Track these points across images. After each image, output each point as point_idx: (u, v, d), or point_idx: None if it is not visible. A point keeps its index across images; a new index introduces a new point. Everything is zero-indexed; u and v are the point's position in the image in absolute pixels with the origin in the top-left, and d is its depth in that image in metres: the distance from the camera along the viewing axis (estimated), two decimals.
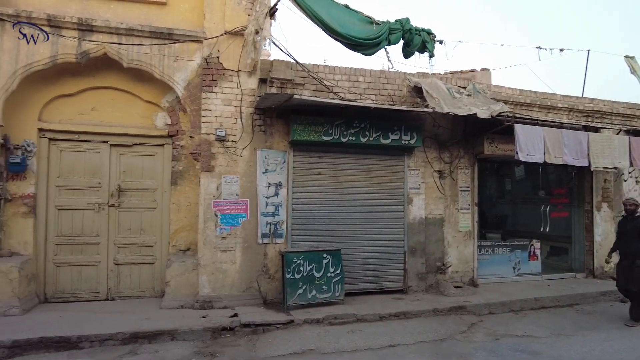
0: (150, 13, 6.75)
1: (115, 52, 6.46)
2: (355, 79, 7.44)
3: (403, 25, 7.68)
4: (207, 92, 6.71)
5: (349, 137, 7.09)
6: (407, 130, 7.35)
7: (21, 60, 6.13)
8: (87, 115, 6.80)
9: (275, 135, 7.06)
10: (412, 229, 7.65)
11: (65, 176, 6.76)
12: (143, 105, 7.02)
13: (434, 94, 7.10)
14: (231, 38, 6.79)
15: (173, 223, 7.01)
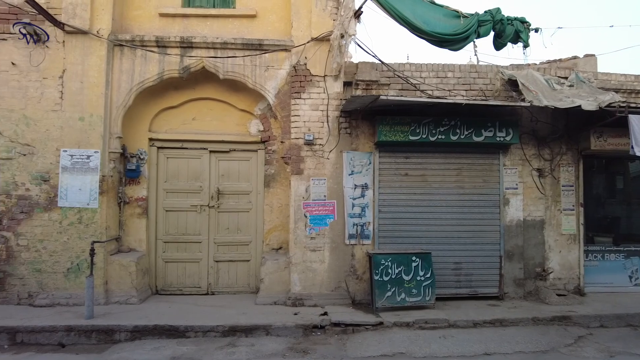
0: (241, 26, 7.20)
1: (212, 65, 6.98)
2: (443, 75, 7.21)
3: (493, 16, 7.27)
4: (295, 98, 6.96)
5: (438, 135, 6.88)
6: (502, 127, 6.93)
7: (135, 78, 6.90)
8: (189, 124, 7.45)
9: (360, 137, 7.10)
10: (508, 232, 7.19)
11: (171, 180, 7.47)
12: (238, 113, 7.50)
13: (530, 86, 6.61)
14: (317, 44, 6.98)
15: (266, 223, 7.39)
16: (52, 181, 6.53)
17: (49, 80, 6.59)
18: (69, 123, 6.58)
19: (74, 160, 6.57)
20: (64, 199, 6.53)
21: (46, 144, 6.56)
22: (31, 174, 6.52)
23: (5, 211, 6.47)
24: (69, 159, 6.56)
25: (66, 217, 6.52)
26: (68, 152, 6.56)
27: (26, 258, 6.45)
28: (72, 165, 6.56)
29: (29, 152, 6.53)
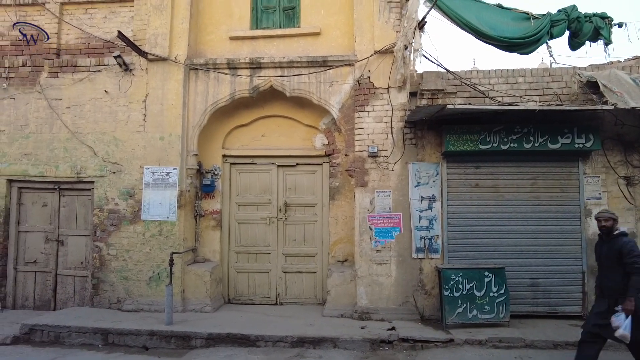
0: (306, 44, 7.44)
1: (279, 84, 7.28)
2: (513, 81, 6.88)
3: (568, 14, 6.84)
4: (359, 111, 7.03)
5: (510, 144, 6.56)
6: (581, 132, 6.45)
7: (209, 99, 7.37)
8: (258, 141, 7.80)
9: (426, 148, 6.98)
10: (591, 245, 6.59)
11: (243, 194, 7.84)
12: (304, 128, 7.72)
13: (614, 87, 6.09)
14: (380, 57, 7.01)
15: (332, 235, 7.47)
16: (136, 196, 7.15)
17: (134, 105, 7.27)
18: (150, 142, 7.18)
19: (155, 177, 7.14)
20: (147, 212, 7.11)
21: (131, 162, 7.21)
22: (119, 189, 7.19)
23: (98, 223, 7.18)
24: (150, 175, 7.14)
25: (148, 229, 7.09)
26: (150, 169, 7.15)
27: (115, 266, 7.09)
28: (153, 181, 7.14)
29: (117, 170, 7.21)
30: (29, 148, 7.35)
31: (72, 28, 7.55)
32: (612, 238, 4.60)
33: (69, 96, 7.37)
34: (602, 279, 4.68)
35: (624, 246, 4.44)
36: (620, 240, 4.53)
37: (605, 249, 4.65)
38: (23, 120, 7.41)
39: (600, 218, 4.73)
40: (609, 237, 4.63)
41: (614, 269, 4.51)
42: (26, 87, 7.43)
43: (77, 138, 7.27)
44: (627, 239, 4.56)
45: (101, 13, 7.54)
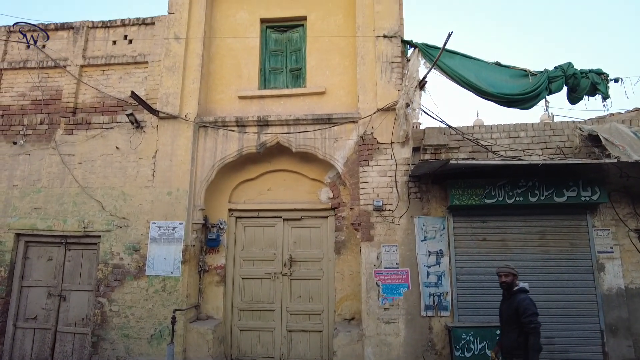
0: (312, 103, 7.71)
1: (286, 140, 7.47)
2: (515, 135, 6.99)
3: (565, 70, 7.07)
4: (363, 166, 7.13)
5: (515, 197, 6.55)
6: (586, 185, 6.44)
7: (217, 155, 7.55)
8: (264, 195, 7.87)
9: (432, 202, 6.97)
10: (608, 302, 6.36)
11: (248, 248, 7.78)
12: (309, 182, 7.81)
13: (615, 141, 6.16)
14: (383, 114, 7.21)
15: (338, 292, 7.30)
16: (141, 251, 7.13)
17: (144, 160, 7.46)
18: (158, 197, 7.28)
19: (161, 232, 7.16)
20: (151, 267, 7.06)
21: (138, 217, 7.27)
22: (125, 244, 7.19)
23: (102, 278, 7.11)
24: (157, 230, 7.17)
25: (152, 285, 6.99)
26: (156, 224, 7.18)
27: (117, 323, 6.93)
28: (159, 236, 7.15)
29: (124, 225, 7.26)
30: (39, 202, 7.48)
31: (89, 88, 7.95)
32: (512, 294, 4.49)
33: (81, 152, 7.62)
34: (502, 337, 4.57)
35: (520, 304, 4.35)
36: (518, 297, 4.42)
37: (505, 306, 4.55)
38: (36, 175, 7.61)
39: (500, 273, 4.66)
40: (509, 293, 4.52)
41: (511, 327, 4.42)
42: (42, 144, 7.71)
43: (87, 192, 7.41)
44: (524, 296, 4.44)
45: (117, 74, 7.97)
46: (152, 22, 8.02)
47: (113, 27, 8.13)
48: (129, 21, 8.09)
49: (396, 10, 7.56)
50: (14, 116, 7.97)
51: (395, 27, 7.48)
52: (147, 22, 8.02)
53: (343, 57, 7.82)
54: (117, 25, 8.11)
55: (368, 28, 7.55)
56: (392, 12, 7.53)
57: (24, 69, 8.12)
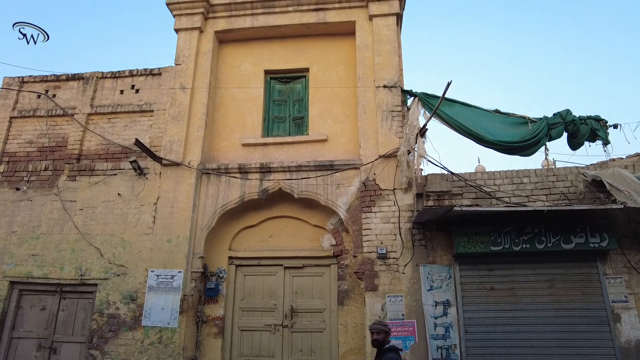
0: (314, 150, 7.78)
1: (288, 187, 7.45)
2: (519, 181, 6.95)
3: (564, 117, 7.16)
4: (366, 212, 7.05)
5: (522, 244, 6.40)
6: (594, 231, 6.30)
7: (219, 202, 7.52)
8: (266, 242, 7.74)
9: (437, 249, 6.82)
10: (627, 356, 6.01)
11: (247, 299, 7.53)
12: (311, 229, 7.70)
13: (620, 186, 6.10)
14: (385, 161, 7.24)
15: (341, 345, 6.96)
16: (139, 300, 6.91)
17: (145, 207, 7.43)
18: (158, 245, 7.16)
19: (159, 280, 6.98)
20: (148, 318, 6.80)
21: (137, 264, 7.11)
22: (122, 293, 6.98)
23: (96, 329, 6.84)
24: (155, 278, 6.99)
25: (148, 337, 6.71)
26: (155, 272, 7.01)
27: None
28: (157, 284, 6.95)
29: (122, 273, 7.09)
30: (37, 249, 7.37)
31: (94, 135, 8.09)
32: (382, 352, 4.33)
33: (83, 198, 7.61)
34: None
35: None
36: (386, 356, 4.26)
37: None
38: (36, 222, 7.55)
39: (372, 330, 4.52)
40: (380, 351, 4.35)
41: None
42: (44, 190, 7.73)
43: (86, 239, 7.32)
44: (393, 355, 4.26)
45: (123, 122, 8.15)
46: (159, 73, 8.31)
47: (121, 77, 8.43)
48: (136, 72, 8.39)
49: (395, 62, 7.81)
50: (19, 163, 8.07)
51: (395, 77, 7.70)
52: (154, 72, 8.32)
53: (344, 106, 7.99)
54: (125, 75, 8.41)
55: (368, 79, 7.78)
56: (392, 64, 7.78)
57: (33, 117, 8.33)
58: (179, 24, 8.53)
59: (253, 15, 8.50)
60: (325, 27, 8.42)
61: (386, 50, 7.88)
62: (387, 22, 8.08)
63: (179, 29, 8.51)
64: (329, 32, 8.50)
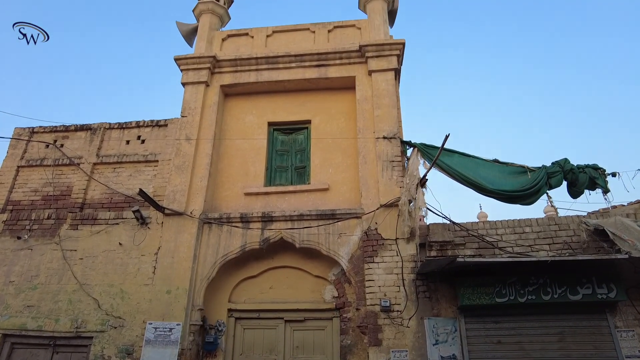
0: (316, 199, 7.83)
1: (290, 236, 7.42)
2: (521, 231, 6.92)
3: (562, 166, 7.25)
4: (369, 262, 6.97)
5: (527, 296, 6.27)
6: (601, 282, 6.18)
7: (220, 252, 7.45)
8: (266, 293, 7.58)
9: (441, 301, 6.67)
10: None
11: (247, 353, 7.27)
12: (312, 280, 7.57)
13: (623, 235, 6.07)
14: (386, 210, 7.26)
15: None
16: (135, 354, 6.68)
17: (146, 257, 7.36)
18: (157, 296, 7.02)
19: (157, 333, 6.78)
20: None
21: (135, 316, 6.94)
22: (118, 347, 6.76)
23: None
24: (152, 331, 6.79)
25: None
26: (153, 325, 6.83)
27: None
28: (155, 337, 6.74)
29: (119, 325, 6.90)
30: (33, 300, 7.22)
31: (98, 184, 8.19)
32: None
33: (84, 247, 7.56)
34: None
35: None
36: None
37: None
38: (35, 271, 7.46)
39: None
40: None
41: None
42: (45, 239, 7.70)
43: (84, 290, 7.19)
44: None
45: (127, 171, 8.27)
46: (165, 124, 8.55)
47: (128, 128, 8.67)
48: (143, 123, 8.64)
49: (394, 114, 8.04)
50: (22, 211, 8.10)
51: (394, 129, 7.89)
52: (161, 124, 8.56)
53: (345, 156, 8.14)
54: (132, 126, 8.65)
55: (368, 130, 7.98)
56: (391, 116, 8.01)
57: (40, 166, 8.47)
58: (187, 78, 8.89)
59: (258, 71, 8.87)
60: (327, 82, 8.76)
61: (385, 103, 8.14)
62: (385, 77, 8.42)
63: (186, 83, 8.85)
64: (330, 86, 8.83)
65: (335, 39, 9.20)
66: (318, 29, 9.31)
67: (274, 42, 9.33)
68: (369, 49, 8.56)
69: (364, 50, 8.58)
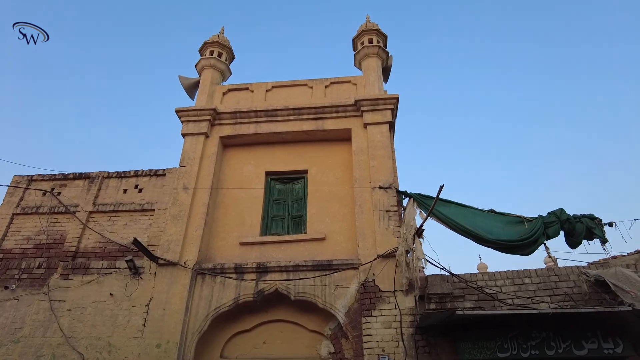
0: (312, 249, 7.74)
1: (284, 287, 7.25)
2: (520, 282, 6.78)
3: (558, 216, 7.25)
4: (366, 316, 6.75)
5: (530, 350, 6.02)
6: (607, 336, 5.97)
7: (213, 304, 7.23)
8: (259, 349, 7.26)
9: (441, 356, 6.39)
10: None
11: None
12: (308, 335, 7.28)
13: (625, 286, 5.95)
14: (384, 261, 7.16)
15: None
16: None
17: (137, 309, 7.13)
18: (146, 350, 6.73)
19: None
20: None
21: None
22: None
23: None
24: None
25: None
26: None
27: None
28: None
29: None
30: (14, 354, 6.87)
31: (93, 233, 8.09)
32: None
33: (73, 298, 7.34)
34: None
35: None
36: None
37: None
38: (19, 323, 7.17)
39: None
40: None
41: None
42: (34, 289, 7.48)
43: (70, 343, 6.88)
44: None
45: (123, 220, 8.21)
46: (163, 174, 8.62)
47: (126, 177, 8.72)
48: (141, 172, 8.71)
49: (389, 165, 8.16)
50: (13, 260, 7.92)
51: (390, 179, 7.98)
52: (159, 173, 8.63)
53: (342, 205, 8.15)
54: (130, 175, 8.72)
55: (365, 180, 8.06)
56: (386, 167, 8.12)
57: (35, 214, 8.40)
58: (187, 129, 9.09)
59: (257, 123, 9.11)
60: (324, 134, 8.97)
61: (380, 154, 8.29)
62: (380, 129, 8.64)
63: (186, 134, 9.04)
64: (327, 138, 9.03)
65: (331, 93, 9.54)
66: (315, 85, 9.67)
67: (273, 97, 9.65)
68: (364, 103, 8.85)
69: (359, 105, 8.87)
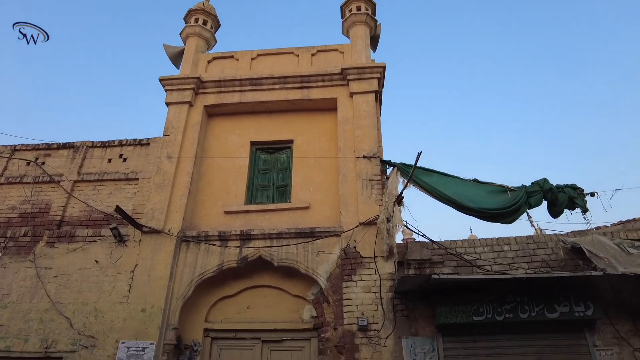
0: (296, 217, 7.81)
1: (268, 254, 7.36)
2: (499, 249, 6.89)
3: (541, 186, 7.29)
4: (347, 281, 6.89)
5: (505, 314, 6.18)
6: (579, 300, 6.11)
7: (197, 270, 7.36)
8: (243, 313, 7.44)
9: (419, 320, 6.56)
10: None
11: None
12: (291, 299, 7.44)
13: (600, 253, 6.05)
14: (365, 228, 7.24)
15: None
16: None
17: (122, 275, 7.26)
18: (131, 315, 6.89)
19: (129, 353, 6.61)
20: None
21: (108, 335, 6.78)
22: None
23: None
24: (125, 350, 6.62)
25: None
26: (126, 344, 6.67)
27: None
28: (127, 357, 6.58)
29: (90, 345, 6.74)
30: (3, 319, 7.04)
31: (77, 202, 8.15)
32: None
33: (59, 265, 7.46)
34: None
35: None
36: None
37: None
38: (7, 290, 7.32)
39: None
40: None
41: None
42: (20, 256, 7.60)
43: (57, 308, 7.04)
44: None
45: (108, 189, 8.26)
46: (147, 143, 8.61)
47: (111, 146, 8.72)
48: (126, 141, 8.70)
49: (374, 135, 8.14)
50: None
51: (374, 149, 7.97)
52: (143, 142, 8.62)
53: (326, 174, 8.17)
54: (115, 145, 8.71)
55: (349, 150, 8.05)
56: (371, 136, 8.10)
57: (20, 184, 8.44)
58: (170, 98, 9.02)
59: (242, 92, 9.02)
60: (309, 103, 8.90)
61: (366, 124, 8.25)
62: (366, 99, 8.56)
63: (170, 103, 8.97)
64: (313, 107, 8.96)
65: (318, 62, 9.40)
66: (302, 53, 9.53)
67: (258, 65, 9.53)
68: (351, 71, 8.74)
69: (345, 73, 8.76)
